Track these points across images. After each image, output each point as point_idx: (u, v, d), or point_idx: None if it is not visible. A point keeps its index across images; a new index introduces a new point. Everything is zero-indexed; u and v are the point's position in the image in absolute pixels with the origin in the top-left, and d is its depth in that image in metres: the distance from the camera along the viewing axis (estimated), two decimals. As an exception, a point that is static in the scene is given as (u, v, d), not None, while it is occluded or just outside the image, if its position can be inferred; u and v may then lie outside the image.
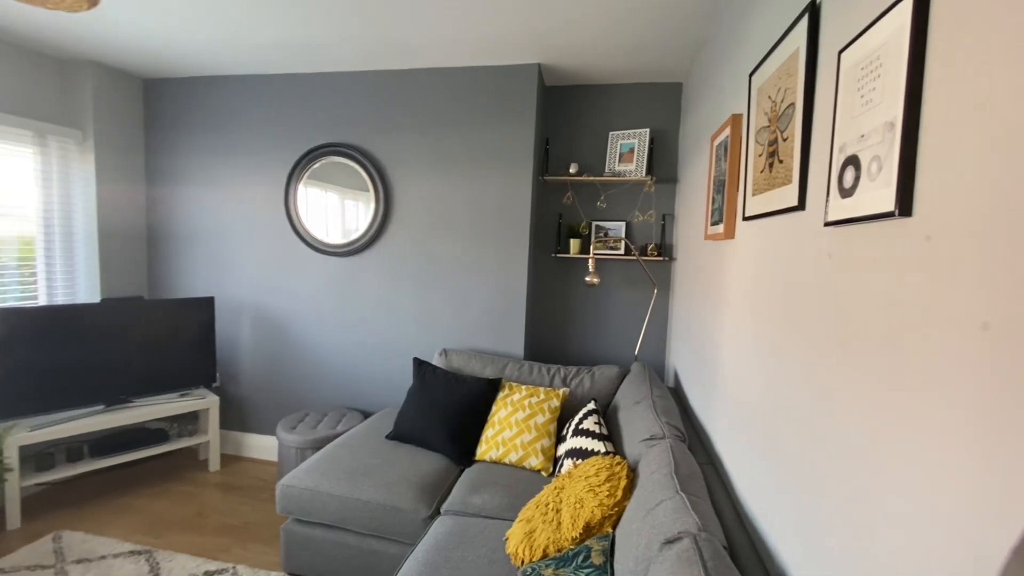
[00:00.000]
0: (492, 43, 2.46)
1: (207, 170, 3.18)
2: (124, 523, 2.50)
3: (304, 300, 3.11)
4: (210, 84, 3.12)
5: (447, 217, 2.86)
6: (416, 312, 2.96)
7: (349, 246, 2.98)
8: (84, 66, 2.90)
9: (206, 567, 2.16)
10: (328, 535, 2.04)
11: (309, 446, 2.60)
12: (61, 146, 2.89)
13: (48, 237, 2.86)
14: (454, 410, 2.37)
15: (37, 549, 2.25)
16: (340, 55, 2.69)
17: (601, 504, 1.49)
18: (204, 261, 3.23)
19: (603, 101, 2.96)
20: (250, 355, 3.23)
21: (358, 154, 2.91)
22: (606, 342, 3.05)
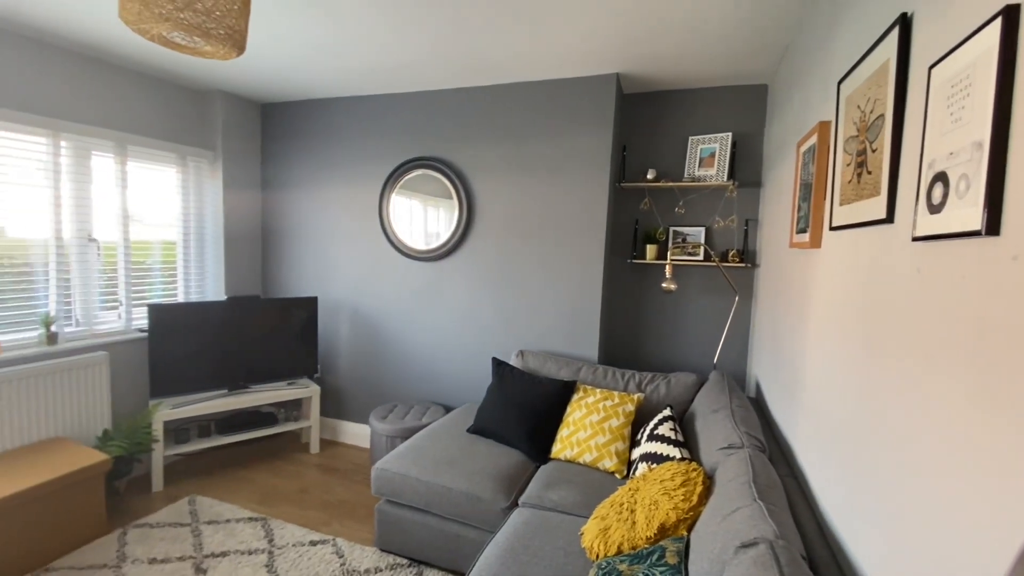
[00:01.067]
0: (571, 57, 2.55)
1: (312, 182, 3.54)
2: (243, 493, 2.87)
3: (394, 301, 3.37)
4: (315, 106, 3.48)
5: (525, 224, 2.99)
6: (495, 314, 3.11)
7: (434, 252, 3.20)
8: (215, 96, 3.35)
9: (311, 537, 2.44)
10: (416, 517, 2.23)
11: (398, 435, 2.83)
12: (197, 164, 3.37)
13: (185, 242, 3.35)
14: (530, 409, 2.48)
15: (176, 509, 2.65)
16: (429, 75, 2.90)
17: (676, 507, 1.54)
18: (309, 263, 3.61)
19: (682, 106, 2.94)
20: (347, 350, 3.55)
21: (444, 166, 3.12)
22: (682, 349, 3.02)
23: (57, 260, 2.66)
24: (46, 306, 2.65)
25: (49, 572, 2.12)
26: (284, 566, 2.22)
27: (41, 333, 2.59)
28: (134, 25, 1.39)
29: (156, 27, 1.39)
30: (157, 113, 3.10)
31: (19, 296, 2.55)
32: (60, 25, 2.35)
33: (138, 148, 2.99)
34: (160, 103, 3.11)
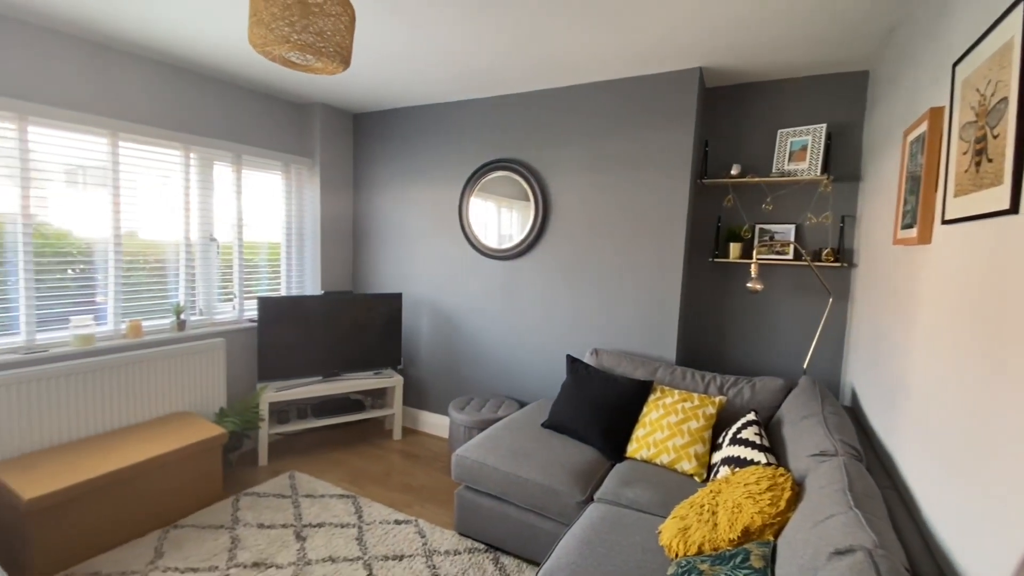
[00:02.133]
0: (652, 54, 2.52)
1: (398, 185, 3.77)
2: (334, 472, 3.11)
3: (472, 298, 3.51)
4: (401, 114, 3.70)
5: (602, 223, 2.99)
6: (569, 312, 3.14)
7: (510, 251, 3.28)
8: (315, 108, 3.67)
9: (395, 516, 2.60)
10: (493, 505, 2.31)
11: (475, 426, 2.94)
12: (298, 171, 3.70)
13: (288, 241, 3.69)
14: (605, 407, 2.49)
15: (278, 482, 2.93)
16: (507, 80, 2.99)
17: (762, 511, 1.49)
18: (394, 261, 3.84)
19: (771, 98, 2.81)
20: (427, 343, 3.74)
21: (521, 167, 3.20)
22: (768, 353, 2.88)
23: (186, 258, 3.04)
24: (176, 298, 3.04)
25: (178, 528, 2.44)
26: (372, 540, 2.39)
27: (172, 321, 2.98)
28: (260, 48, 1.58)
29: (278, 49, 1.57)
30: (266, 125, 3.45)
31: (156, 289, 2.95)
32: (192, 51, 2.70)
33: (251, 157, 3.35)
34: (268, 116, 3.46)
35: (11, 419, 2.28)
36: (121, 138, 2.70)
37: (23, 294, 2.41)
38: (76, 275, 2.62)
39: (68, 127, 2.50)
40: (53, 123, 2.44)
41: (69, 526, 2.12)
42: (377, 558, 2.26)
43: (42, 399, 2.38)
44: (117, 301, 2.75)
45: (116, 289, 2.74)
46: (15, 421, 2.30)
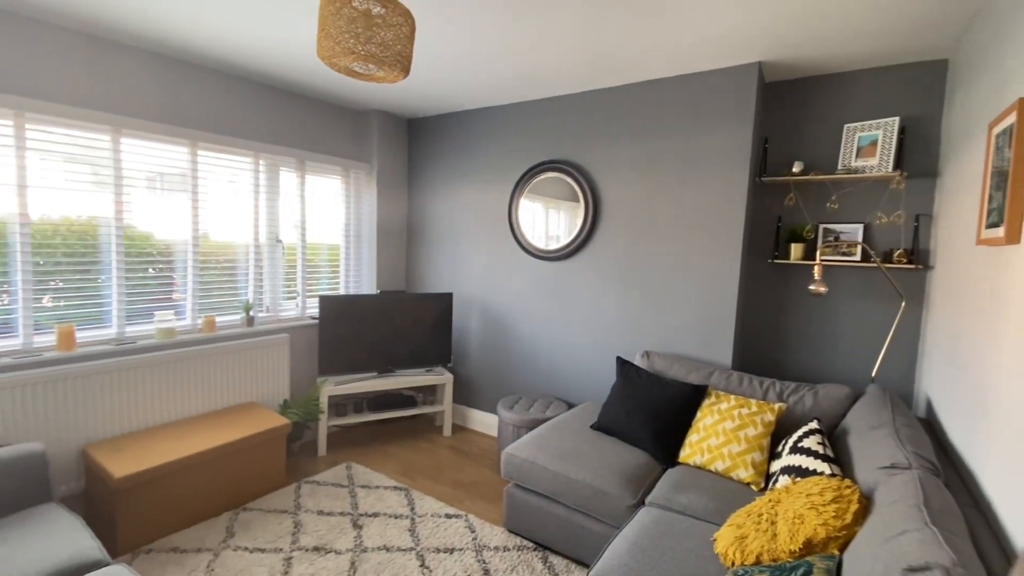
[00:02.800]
0: (709, 50, 2.46)
1: (450, 188, 3.86)
2: (388, 465, 3.22)
3: (520, 299, 3.54)
4: (453, 119, 3.79)
5: (654, 223, 2.95)
6: (619, 314, 3.11)
7: (560, 251, 3.29)
8: (371, 115, 3.81)
9: (447, 510, 2.67)
10: (542, 503, 2.33)
11: (523, 425, 2.97)
12: (356, 175, 3.86)
13: (347, 243, 3.85)
14: (657, 411, 2.45)
15: (336, 472, 3.07)
16: (558, 82, 3.00)
17: (826, 524, 1.43)
18: (445, 262, 3.93)
19: (836, 91, 2.67)
20: (476, 342, 3.81)
21: (572, 168, 3.20)
22: (832, 359, 2.74)
23: (255, 258, 3.25)
24: (246, 295, 3.25)
25: (246, 511, 2.61)
26: (424, 532, 2.46)
27: (242, 317, 3.19)
28: (327, 60, 1.68)
29: (343, 60, 1.66)
30: (327, 132, 3.62)
31: (228, 287, 3.16)
32: (263, 63, 2.87)
33: (313, 163, 3.53)
34: (329, 124, 3.63)
35: (103, 404, 2.52)
36: (200, 147, 2.92)
37: (115, 291, 2.65)
38: (156, 274, 2.84)
39: (155, 138, 2.72)
40: (142, 135, 2.67)
41: (151, 504, 2.31)
42: (429, 550, 2.33)
43: (130, 387, 2.61)
44: (195, 298, 2.97)
45: (194, 287, 2.96)
46: (107, 406, 2.53)
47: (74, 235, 2.51)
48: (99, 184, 2.56)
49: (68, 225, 2.49)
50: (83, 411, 2.45)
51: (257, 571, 2.14)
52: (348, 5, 1.61)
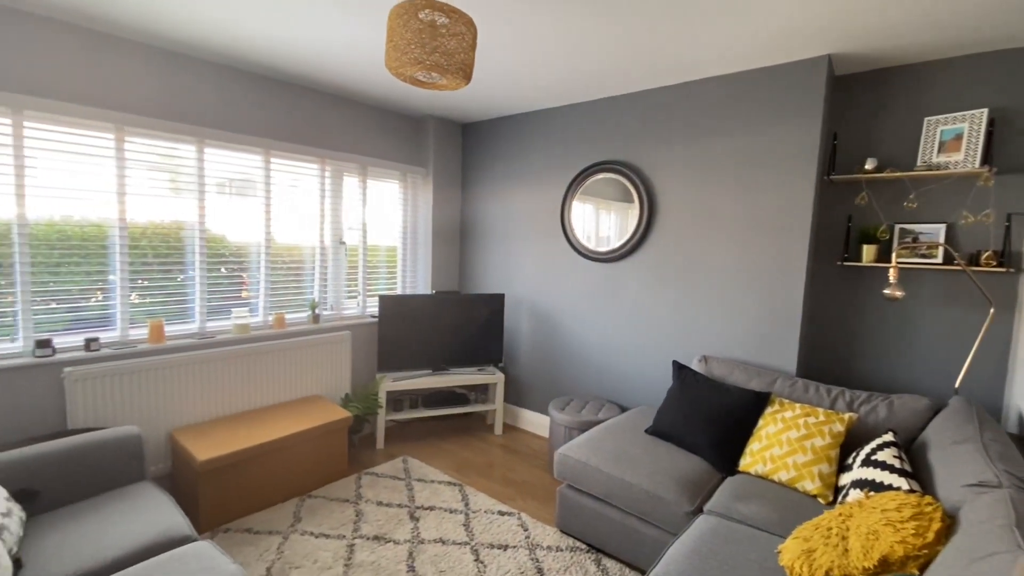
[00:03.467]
0: (773, 44, 2.38)
1: (502, 191, 3.91)
2: (442, 460, 3.31)
3: (572, 300, 3.54)
4: (506, 123, 3.84)
5: (712, 225, 2.87)
6: (675, 317, 3.05)
7: (613, 253, 3.26)
8: (428, 120, 3.93)
9: (499, 507, 2.71)
10: (595, 506, 2.32)
11: (575, 426, 2.97)
12: (413, 180, 3.99)
13: (404, 244, 3.99)
14: (716, 417, 2.39)
15: (394, 465, 3.18)
16: (613, 82, 2.99)
17: (904, 541, 1.35)
18: (497, 263, 3.99)
19: (915, 82, 2.51)
20: (527, 343, 3.84)
21: (626, 169, 3.17)
22: (909, 368, 2.57)
23: (320, 259, 3.43)
24: (312, 294, 3.43)
25: (312, 498, 2.76)
26: (478, 528, 2.51)
27: (308, 314, 3.37)
28: (394, 70, 1.76)
29: (409, 70, 1.73)
30: (386, 139, 3.77)
31: (295, 286, 3.35)
32: (329, 74, 3.03)
33: (374, 168, 3.68)
34: (388, 130, 3.78)
35: (188, 392, 2.74)
36: (273, 155, 3.11)
37: (198, 289, 2.88)
38: (228, 273, 3.05)
39: (234, 147, 2.94)
40: (223, 144, 2.89)
41: (229, 487, 2.49)
42: (483, 545, 2.38)
43: (210, 377, 2.82)
44: (266, 296, 3.18)
45: (266, 286, 3.16)
46: (191, 394, 2.75)
47: (158, 237, 2.74)
48: (183, 190, 2.79)
49: (154, 228, 2.72)
50: (171, 398, 2.68)
51: (323, 555, 2.27)
52: (415, 17, 1.68)
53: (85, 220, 2.48)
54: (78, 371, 2.38)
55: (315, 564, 2.21)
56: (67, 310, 2.47)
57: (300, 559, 2.24)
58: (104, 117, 2.44)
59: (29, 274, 2.33)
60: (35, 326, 2.37)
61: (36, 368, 2.33)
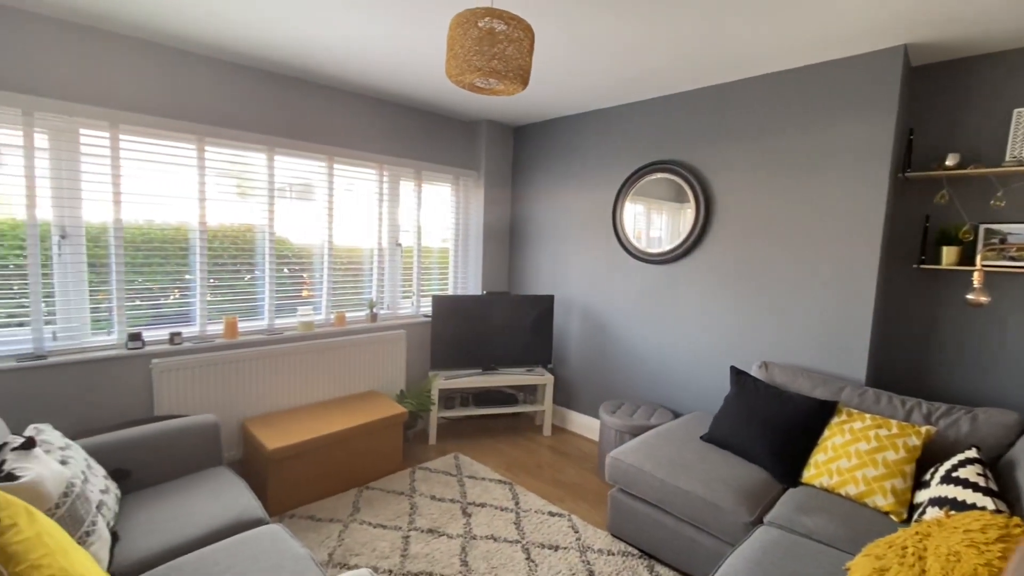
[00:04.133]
0: (843, 35, 2.27)
1: (553, 191, 3.93)
2: (491, 458, 3.36)
3: (624, 302, 3.50)
4: (558, 124, 3.85)
5: (775, 225, 2.76)
6: (732, 321, 2.95)
7: (667, 254, 3.20)
8: (480, 125, 4.00)
9: (549, 508, 2.73)
10: (649, 511, 2.29)
11: (627, 431, 2.94)
12: (465, 183, 4.07)
13: (455, 246, 4.08)
14: (777, 426, 2.30)
15: (445, 461, 3.26)
16: (669, 80, 2.93)
17: (989, 564, 1.26)
18: (547, 264, 4.01)
19: (1004, 71, 2.32)
20: (577, 345, 3.83)
21: (681, 168, 3.11)
22: (994, 380, 2.38)
23: (378, 261, 3.56)
24: (370, 294, 3.57)
25: (369, 489, 2.87)
26: (529, 527, 2.54)
27: (367, 313, 3.51)
28: (454, 78, 1.81)
29: (469, 77, 1.78)
30: (440, 143, 3.86)
31: (354, 286, 3.50)
32: (394, 85, 3.15)
33: (428, 172, 3.79)
34: (442, 135, 3.87)
35: (258, 385, 2.92)
36: (335, 161, 3.27)
37: (268, 288, 3.06)
38: (290, 273, 3.22)
39: (301, 154, 3.11)
40: (291, 152, 3.06)
41: (295, 475, 2.64)
42: (534, 544, 2.40)
43: (278, 371, 3.00)
44: (329, 296, 3.34)
45: (328, 286, 3.33)
46: (261, 386, 2.94)
47: (228, 239, 2.93)
48: (254, 195, 2.97)
49: (225, 230, 2.91)
50: (243, 390, 2.87)
51: (380, 545, 2.36)
52: (474, 26, 1.72)
53: (166, 224, 2.70)
54: (164, 363, 2.60)
55: (373, 553, 2.30)
56: (149, 307, 2.69)
57: (359, 547, 2.34)
58: (187, 129, 2.65)
59: (123, 273, 2.56)
60: (128, 321, 2.61)
61: (128, 359, 2.56)
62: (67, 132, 2.36)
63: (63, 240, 2.39)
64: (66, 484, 1.47)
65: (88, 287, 2.48)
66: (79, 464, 1.67)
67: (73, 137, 2.37)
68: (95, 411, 2.48)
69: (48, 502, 1.38)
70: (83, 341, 2.48)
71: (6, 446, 1.47)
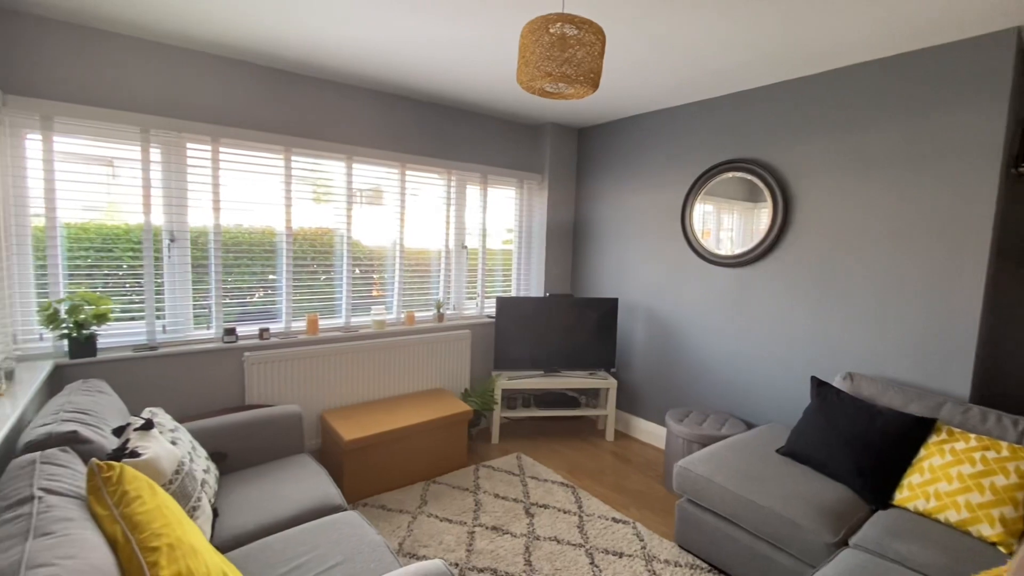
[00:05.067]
0: (942, 19, 2.08)
1: (617, 193, 3.87)
2: (553, 460, 3.36)
3: (692, 306, 3.39)
4: (624, 124, 3.80)
5: (863, 226, 2.58)
6: (813, 329, 2.78)
7: (741, 257, 3.07)
8: (545, 128, 4.02)
9: (613, 514, 2.69)
10: (719, 524, 2.21)
11: (696, 440, 2.84)
12: (529, 185, 4.11)
13: (518, 248, 4.13)
14: (864, 442, 2.14)
15: (508, 461, 3.30)
16: (744, 75, 2.81)
17: None
18: (611, 266, 3.96)
19: None
20: (641, 349, 3.75)
21: (758, 167, 2.97)
22: None
23: (444, 263, 3.68)
24: (437, 294, 3.69)
25: (436, 483, 2.97)
26: (592, 532, 2.52)
27: (434, 313, 3.63)
28: (525, 85, 1.84)
29: (540, 83, 1.81)
30: (505, 148, 3.93)
31: (422, 286, 3.63)
32: (462, 92, 3.25)
33: (493, 176, 3.86)
34: (507, 139, 3.93)
35: (336, 379, 3.11)
36: (407, 168, 3.41)
37: (345, 288, 3.25)
38: (361, 274, 3.38)
39: (376, 162, 3.27)
40: (367, 160, 3.23)
41: (369, 466, 2.78)
42: (598, 549, 2.38)
43: (353, 366, 3.17)
44: (399, 296, 3.49)
45: (399, 286, 3.47)
46: (338, 380, 3.12)
47: (308, 242, 3.13)
48: (332, 200, 3.16)
49: (304, 234, 3.11)
50: (322, 383, 3.06)
51: (447, 538, 2.43)
52: (546, 32, 1.75)
53: (253, 228, 2.93)
54: (254, 356, 2.82)
55: (440, 545, 2.38)
56: (238, 304, 2.93)
57: (427, 539, 2.42)
58: (277, 140, 2.86)
59: (220, 273, 2.81)
60: (225, 317, 2.86)
61: (224, 352, 2.80)
62: (176, 146, 2.62)
63: (172, 243, 2.66)
64: (177, 462, 1.65)
65: (191, 286, 2.74)
66: (186, 445, 1.86)
67: (181, 151, 2.64)
68: (195, 398, 2.74)
69: (164, 478, 1.55)
70: (187, 334, 2.75)
71: (129, 426, 1.66)
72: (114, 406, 1.90)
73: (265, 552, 1.63)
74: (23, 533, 1.00)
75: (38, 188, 2.31)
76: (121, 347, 2.56)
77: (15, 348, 2.30)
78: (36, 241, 2.34)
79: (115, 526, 1.14)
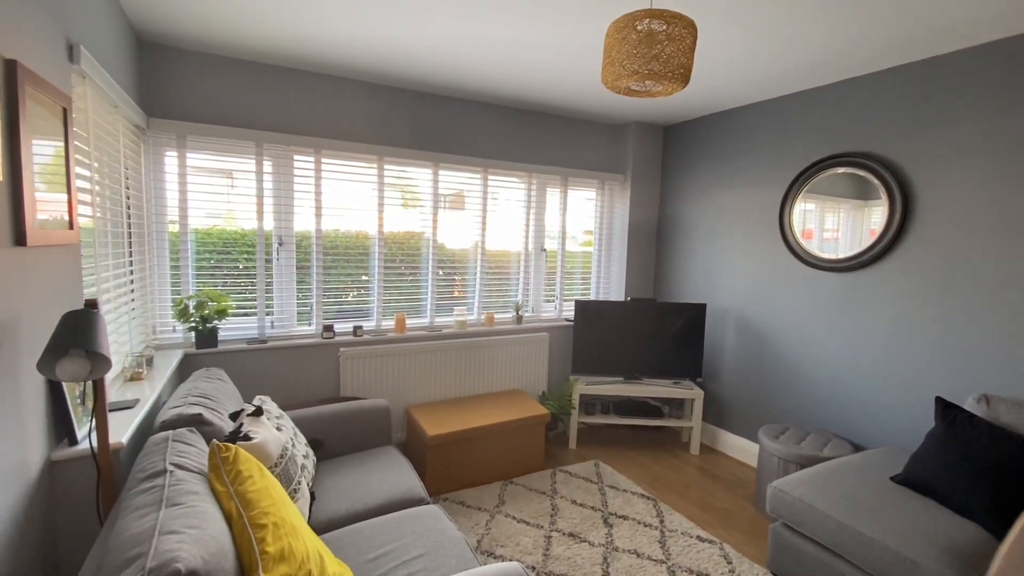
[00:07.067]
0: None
1: (705, 193, 3.68)
2: (633, 471, 3.26)
3: (792, 314, 3.13)
4: (714, 120, 3.59)
5: (1003, 225, 2.23)
6: (936, 342, 2.46)
7: (849, 261, 2.78)
8: (628, 127, 3.92)
9: (697, 532, 2.55)
10: (819, 554, 2.01)
11: (793, 460, 2.62)
12: (610, 187, 4.03)
13: (598, 251, 4.06)
14: (1001, 474, 1.85)
15: (586, 467, 3.25)
16: (852, 62, 2.55)
17: None
18: (698, 270, 3.77)
19: None
20: (731, 359, 3.53)
21: (870, 161, 2.68)
22: None
23: (524, 265, 3.71)
24: (516, 296, 3.73)
25: (513, 484, 2.99)
26: (675, 549, 2.41)
27: (513, 315, 3.67)
28: (611, 84, 1.80)
29: (626, 82, 1.76)
30: (586, 149, 3.88)
31: (502, 288, 3.69)
32: (546, 96, 3.26)
33: (574, 179, 3.83)
34: (588, 140, 3.88)
35: (420, 376, 3.25)
36: (489, 173, 3.49)
37: (430, 289, 3.38)
38: (444, 276, 3.49)
39: (459, 168, 3.38)
40: (451, 167, 3.35)
41: (450, 461, 2.86)
42: (681, 568, 2.27)
43: (436, 364, 3.30)
44: (480, 297, 3.57)
45: (480, 288, 3.56)
46: (422, 377, 3.26)
47: (396, 245, 3.28)
48: (419, 205, 3.31)
49: (393, 237, 3.27)
50: (408, 379, 3.22)
51: (524, 540, 2.44)
52: (633, 30, 1.70)
53: (347, 232, 3.13)
54: (349, 351, 3.03)
55: (517, 547, 2.39)
56: (333, 303, 3.15)
57: (504, 539, 2.45)
58: (371, 151, 3.05)
59: (320, 273, 3.04)
60: (324, 315, 3.09)
61: (323, 347, 3.03)
62: (284, 158, 2.88)
63: (280, 247, 2.93)
64: (282, 447, 1.80)
65: (296, 285, 3.00)
66: (289, 432, 2.03)
67: (288, 162, 2.89)
68: (297, 388, 2.99)
69: (270, 461, 1.70)
70: (291, 330, 3.01)
71: (243, 412, 1.84)
72: (231, 393, 2.12)
73: (355, 538, 1.73)
74: (157, 503, 1.14)
75: (174, 198, 2.65)
76: (236, 340, 2.86)
77: (153, 338, 2.65)
78: (171, 245, 2.68)
79: (230, 502, 1.26)
